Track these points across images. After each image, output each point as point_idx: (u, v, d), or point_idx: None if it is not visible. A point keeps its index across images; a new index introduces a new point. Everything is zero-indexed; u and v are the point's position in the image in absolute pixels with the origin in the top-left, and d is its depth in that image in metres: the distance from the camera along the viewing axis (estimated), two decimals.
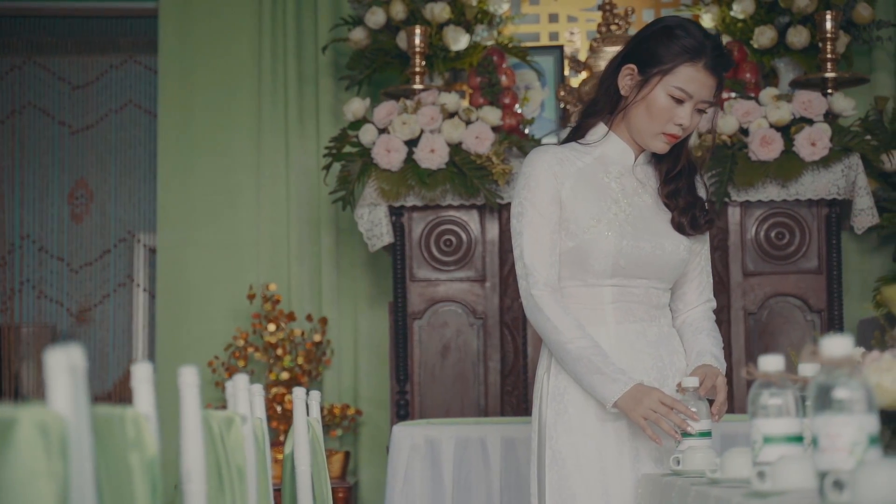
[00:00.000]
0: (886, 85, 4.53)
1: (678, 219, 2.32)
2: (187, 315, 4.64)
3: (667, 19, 2.32)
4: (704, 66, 2.22)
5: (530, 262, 2.27)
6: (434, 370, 3.99)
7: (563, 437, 2.29)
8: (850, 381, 1.19)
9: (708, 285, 2.41)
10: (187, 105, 4.71)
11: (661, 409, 2.16)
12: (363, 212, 4.01)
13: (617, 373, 2.22)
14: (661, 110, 2.23)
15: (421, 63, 4.16)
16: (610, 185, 2.31)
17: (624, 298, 2.29)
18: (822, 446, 1.22)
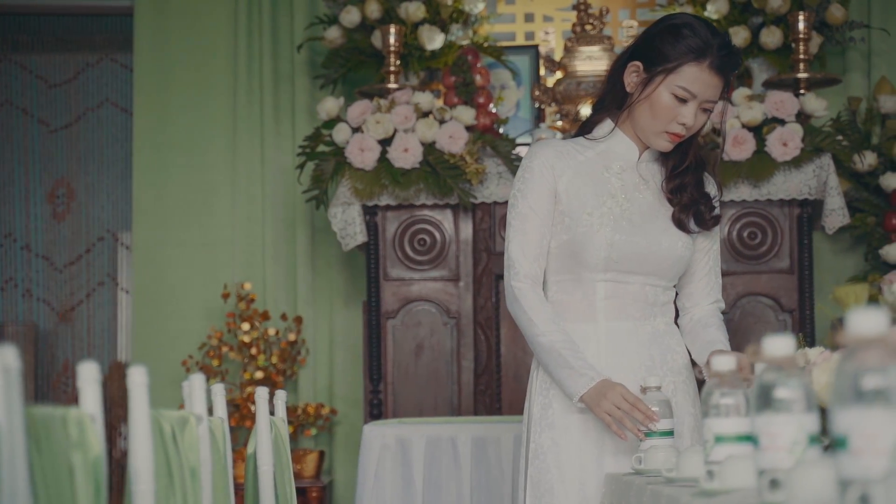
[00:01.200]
0: (860, 85, 4.55)
1: (678, 215, 2.31)
2: (163, 314, 4.63)
3: (675, 17, 2.29)
4: (710, 65, 2.20)
5: (514, 254, 2.28)
6: (407, 369, 4.00)
7: (546, 431, 2.29)
8: (790, 381, 1.20)
9: (717, 285, 2.40)
10: (163, 103, 4.70)
11: (624, 405, 2.16)
12: (336, 211, 4.01)
13: (585, 367, 2.22)
14: (665, 109, 2.22)
15: (395, 62, 4.16)
16: (610, 179, 2.30)
17: (617, 295, 2.28)
18: (762, 445, 1.22)
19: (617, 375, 2.25)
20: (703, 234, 2.36)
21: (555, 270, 2.31)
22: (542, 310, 2.27)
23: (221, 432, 2.00)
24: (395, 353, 3.99)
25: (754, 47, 4.26)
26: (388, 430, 3.30)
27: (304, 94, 4.62)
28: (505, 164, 3.99)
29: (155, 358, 4.59)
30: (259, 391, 2.22)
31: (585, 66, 4.27)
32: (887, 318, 0.94)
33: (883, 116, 4.40)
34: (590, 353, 2.28)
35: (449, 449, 3.27)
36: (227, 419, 2.07)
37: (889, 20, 4.54)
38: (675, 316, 2.39)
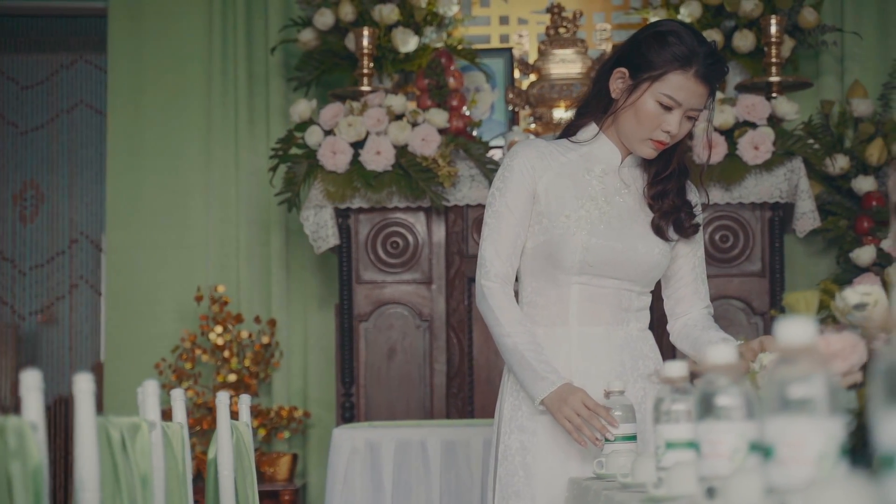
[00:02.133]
0: (833, 89, 4.56)
1: (658, 221, 2.29)
2: (137, 316, 4.61)
3: (662, 24, 2.28)
4: (695, 74, 2.18)
5: (486, 253, 2.27)
6: (380, 372, 3.99)
7: (515, 433, 2.29)
8: (731, 389, 1.20)
9: (705, 291, 2.39)
10: (137, 105, 4.68)
11: (584, 412, 2.16)
12: (309, 214, 4.00)
13: (547, 371, 2.22)
14: (649, 116, 2.20)
15: (369, 65, 4.16)
16: (591, 182, 2.29)
17: (591, 298, 2.27)
18: (704, 452, 1.23)
19: (588, 380, 2.25)
20: (684, 241, 2.34)
21: (531, 272, 2.31)
22: (510, 310, 2.26)
23: (180, 438, 1.99)
24: (368, 355, 3.99)
25: (727, 51, 4.26)
26: (358, 434, 3.30)
27: (279, 96, 4.61)
28: (478, 167, 3.99)
29: (128, 361, 4.57)
30: (220, 396, 2.21)
31: (559, 69, 4.28)
32: (815, 327, 0.94)
33: (856, 120, 4.42)
34: (561, 357, 2.28)
35: (418, 452, 3.26)
36: (186, 424, 2.07)
37: (862, 24, 4.56)
38: (649, 321, 2.38)
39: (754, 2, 4.18)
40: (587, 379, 2.25)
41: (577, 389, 2.19)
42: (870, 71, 4.55)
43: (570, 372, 2.27)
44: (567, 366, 2.27)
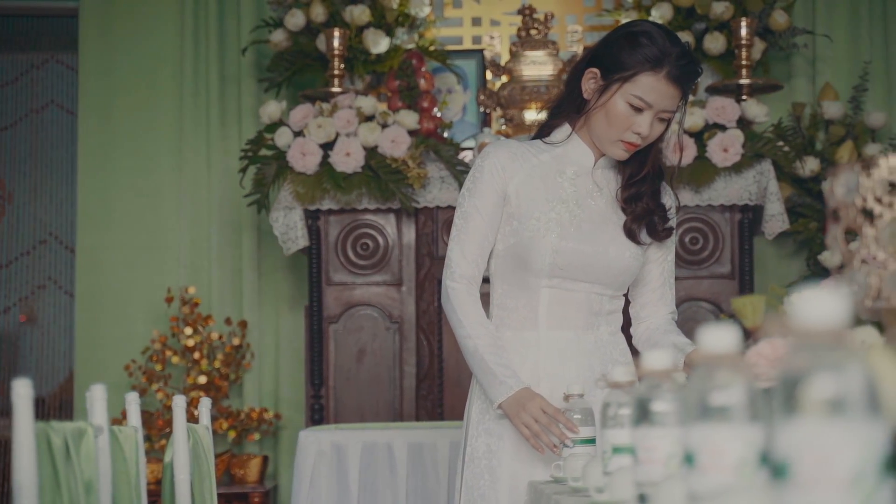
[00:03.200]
0: (805, 91, 4.58)
1: (630, 225, 2.27)
2: (107, 318, 4.59)
3: (635, 24, 2.24)
4: (666, 76, 2.15)
5: (452, 254, 2.26)
6: (349, 374, 3.98)
7: (482, 437, 2.28)
8: (666, 395, 1.20)
9: (671, 296, 2.36)
10: (108, 105, 4.66)
11: (543, 418, 2.15)
12: (278, 215, 3.99)
13: (506, 375, 2.21)
14: (620, 118, 2.18)
15: (339, 66, 4.14)
16: (563, 185, 2.27)
17: (561, 302, 2.25)
18: (639, 458, 1.22)
19: (556, 385, 2.23)
20: (656, 245, 2.32)
21: (501, 274, 2.29)
22: (473, 312, 2.25)
23: (133, 442, 1.98)
24: (338, 357, 3.98)
25: (698, 53, 4.27)
26: (324, 436, 3.29)
27: (251, 96, 4.60)
28: (448, 169, 3.98)
29: (98, 362, 4.55)
30: (176, 399, 2.20)
31: (530, 70, 4.28)
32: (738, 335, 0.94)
33: (826, 122, 4.43)
34: (529, 361, 2.27)
35: (385, 455, 3.25)
36: (140, 428, 2.05)
37: (833, 27, 4.57)
38: (622, 324, 2.37)
39: (725, 4, 4.19)
40: (556, 383, 2.24)
41: (536, 395, 2.18)
42: (841, 73, 4.57)
43: (538, 376, 2.26)
44: (535, 370, 2.26)
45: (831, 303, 0.67)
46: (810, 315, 0.68)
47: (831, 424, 0.65)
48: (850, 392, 0.65)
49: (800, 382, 0.66)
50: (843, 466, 0.64)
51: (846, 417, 0.65)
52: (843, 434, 0.65)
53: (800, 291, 0.68)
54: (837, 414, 0.65)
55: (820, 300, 0.68)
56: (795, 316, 0.68)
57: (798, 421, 0.66)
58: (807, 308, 0.68)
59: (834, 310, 0.67)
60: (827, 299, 0.68)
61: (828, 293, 0.67)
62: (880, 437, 0.65)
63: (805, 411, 0.66)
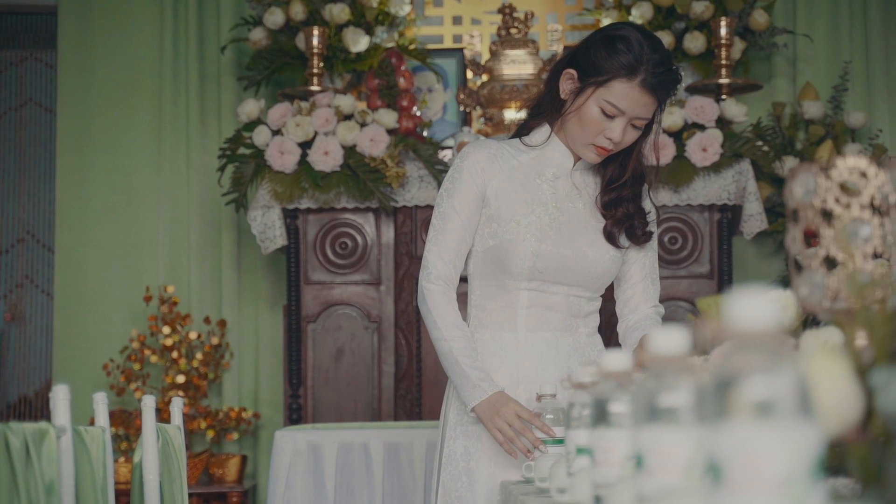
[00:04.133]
0: (786, 91, 4.58)
1: (610, 228, 2.25)
2: (85, 317, 4.57)
3: (617, 28, 2.21)
4: (641, 83, 2.13)
5: (429, 255, 2.24)
6: (328, 373, 3.97)
7: (460, 438, 2.27)
8: (623, 396, 1.19)
9: (654, 291, 2.34)
10: (87, 103, 4.64)
11: (517, 423, 2.14)
12: (256, 214, 3.98)
13: (480, 378, 2.20)
14: (593, 122, 2.16)
15: (319, 64, 4.13)
16: (542, 187, 2.26)
17: (539, 304, 2.24)
18: (597, 460, 1.22)
19: (534, 387, 2.22)
20: (635, 247, 2.31)
21: (480, 275, 2.28)
22: (448, 313, 2.24)
23: (101, 443, 1.97)
24: (316, 357, 3.96)
25: (678, 52, 4.27)
26: (301, 436, 3.27)
27: (230, 95, 4.58)
28: (427, 168, 3.97)
29: (77, 362, 4.53)
30: (145, 400, 2.18)
31: (510, 69, 4.27)
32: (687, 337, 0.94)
33: (807, 122, 4.44)
34: (508, 363, 2.26)
35: (361, 455, 3.24)
36: (108, 428, 2.04)
37: (814, 26, 4.58)
38: (598, 325, 2.36)
39: (705, 4, 4.19)
40: (534, 386, 2.23)
41: (510, 400, 2.17)
42: (821, 73, 4.57)
43: (516, 378, 2.25)
44: (514, 372, 2.26)
45: (765, 306, 0.67)
46: (744, 318, 0.67)
47: (762, 427, 0.64)
48: (781, 395, 0.65)
49: (731, 385, 0.65)
50: (774, 469, 0.64)
51: (777, 420, 0.64)
52: (774, 437, 0.64)
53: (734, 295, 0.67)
54: (768, 416, 0.64)
55: (754, 303, 0.67)
56: (730, 319, 0.68)
57: (730, 424, 0.65)
58: (741, 311, 0.68)
59: (768, 313, 0.67)
60: (761, 302, 0.67)
61: (761, 296, 0.67)
62: (811, 440, 0.65)
63: (736, 414, 0.65)
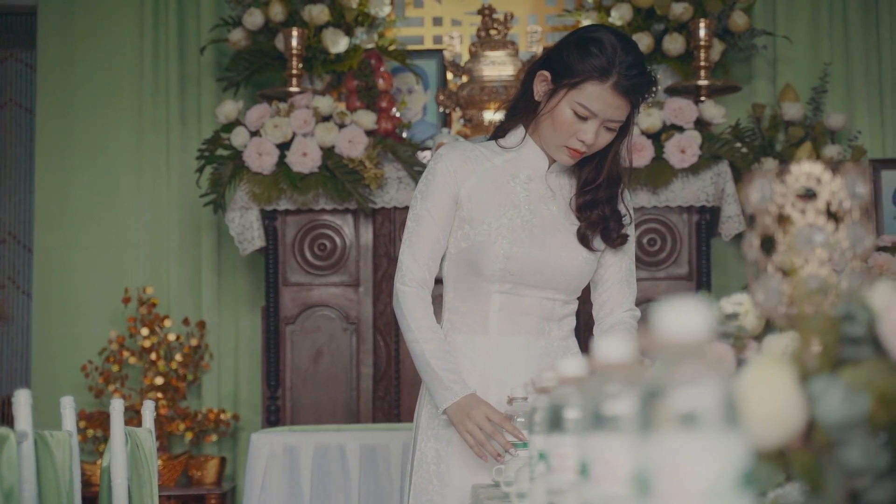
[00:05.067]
0: (766, 92, 4.58)
1: (584, 231, 2.24)
2: (64, 318, 4.55)
3: (591, 30, 2.21)
4: (613, 86, 2.11)
5: (404, 257, 2.24)
6: (306, 375, 3.96)
7: (431, 441, 2.27)
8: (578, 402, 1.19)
9: (630, 294, 2.33)
10: (67, 104, 4.62)
11: (487, 426, 2.13)
12: (234, 215, 3.97)
13: (452, 381, 2.20)
14: (565, 124, 2.15)
15: (298, 65, 4.12)
16: (515, 189, 2.25)
17: (512, 307, 2.24)
18: (552, 466, 1.21)
19: (505, 391, 2.22)
20: (611, 250, 2.29)
21: (454, 277, 2.28)
22: (422, 316, 2.23)
23: (67, 447, 1.96)
24: (294, 358, 3.96)
25: (657, 54, 4.28)
26: (276, 438, 3.27)
27: (211, 95, 4.57)
28: (405, 170, 3.97)
29: (56, 363, 4.51)
30: (114, 403, 2.17)
31: (490, 70, 4.27)
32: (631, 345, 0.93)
33: (786, 123, 4.44)
34: (479, 366, 2.26)
35: (337, 457, 3.24)
36: (76, 433, 2.03)
37: (794, 28, 4.58)
38: (574, 328, 2.35)
39: (684, 5, 4.20)
40: (504, 389, 2.22)
41: (482, 402, 2.16)
42: (802, 74, 4.58)
43: (486, 382, 2.25)
44: (485, 376, 2.25)
45: (693, 315, 0.66)
46: (672, 327, 0.67)
47: (688, 438, 0.64)
48: (708, 406, 0.64)
49: (658, 396, 0.65)
50: (700, 480, 0.64)
51: (703, 431, 0.64)
52: (700, 448, 0.64)
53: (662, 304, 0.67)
54: (694, 428, 0.64)
55: (682, 313, 0.67)
56: (659, 328, 0.67)
57: (656, 434, 0.65)
58: (669, 320, 0.67)
59: (696, 322, 0.66)
60: (689, 312, 0.67)
61: (690, 305, 0.67)
62: (738, 451, 0.65)
63: (663, 425, 0.65)
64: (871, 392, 0.83)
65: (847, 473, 0.81)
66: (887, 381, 0.82)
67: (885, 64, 4.57)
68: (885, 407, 0.82)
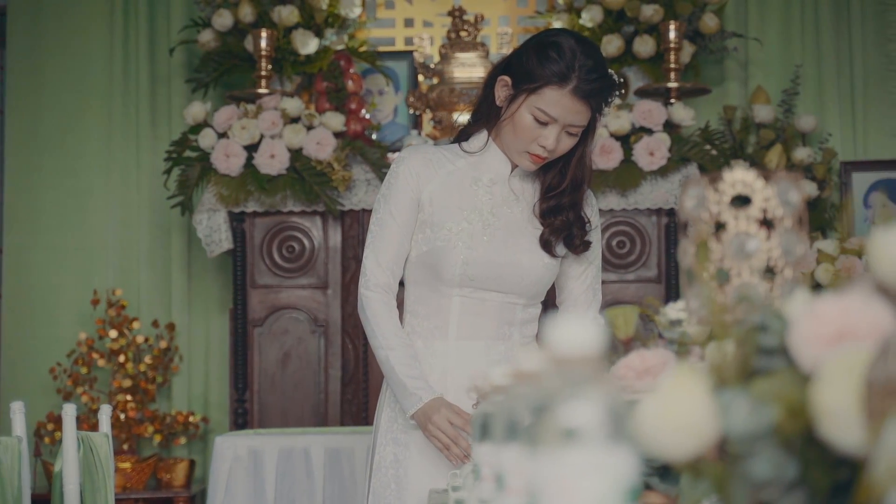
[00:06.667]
0: (738, 94, 4.59)
1: (547, 237, 2.23)
2: (33, 320, 4.52)
3: (550, 34, 2.20)
4: (572, 91, 2.10)
5: (367, 262, 2.23)
6: (274, 378, 3.95)
7: (390, 445, 2.27)
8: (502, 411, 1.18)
9: (595, 304, 2.31)
10: (36, 104, 4.59)
11: (449, 430, 2.13)
12: (202, 217, 3.95)
13: (416, 386, 2.19)
14: (526, 129, 2.14)
15: (267, 67, 4.11)
16: (477, 193, 2.23)
17: (472, 311, 2.23)
18: (482, 475, 1.20)
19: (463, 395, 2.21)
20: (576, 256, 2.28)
21: (415, 281, 2.27)
22: (386, 321, 2.23)
23: (16, 452, 1.94)
24: (262, 361, 3.94)
25: (628, 56, 4.27)
26: (241, 442, 3.25)
27: (181, 97, 4.54)
28: (374, 172, 3.96)
29: (25, 366, 4.49)
30: (66, 408, 2.16)
31: (460, 72, 4.26)
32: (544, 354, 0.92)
33: (757, 125, 4.45)
34: (437, 371, 2.25)
35: (302, 461, 3.22)
36: (25, 438, 2.01)
37: (766, 30, 4.59)
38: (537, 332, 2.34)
39: (654, 7, 4.20)
40: (463, 394, 2.21)
41: (444, 405, 2.16)
42: (773, 77, 4.58)
43: (445, 387, 2.24)
44: (443, 380, 2.24)
45: (583, 330, 0.66)
46: (563, 343, 0.66)
47: (573, 454, 0.63)
48: (593, 421, 0.64)
49: (544, 411, 0.64)
50: (585, 497, 0.63)
51: (588, 447, 0.63)
52: (585, 463, 0.63)
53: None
54: (579, 443, 0.63)
55: (573, 327, 0.66)
56: (550, 343, 0.67)
57: (543, 450, 0.64)
58: (560, 335, 0.67)
59: (586, 337, 0.66)
60: (579, 327, 0.66)
61: (580, 321, 0.66)
62: (624, 467, 0.64)
63: (548, 440, 0.64)
64: (781, 403, 0.82)
65: (754, 485, 0.81)
66: (796, 393, 0.82)
67: (857, 66, 4.58)
68: (793, 418, 0.81)
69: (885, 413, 0.69)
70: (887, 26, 4.60)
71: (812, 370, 0.81)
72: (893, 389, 0.69)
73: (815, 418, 0.78)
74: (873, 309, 0.82)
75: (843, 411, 0.74)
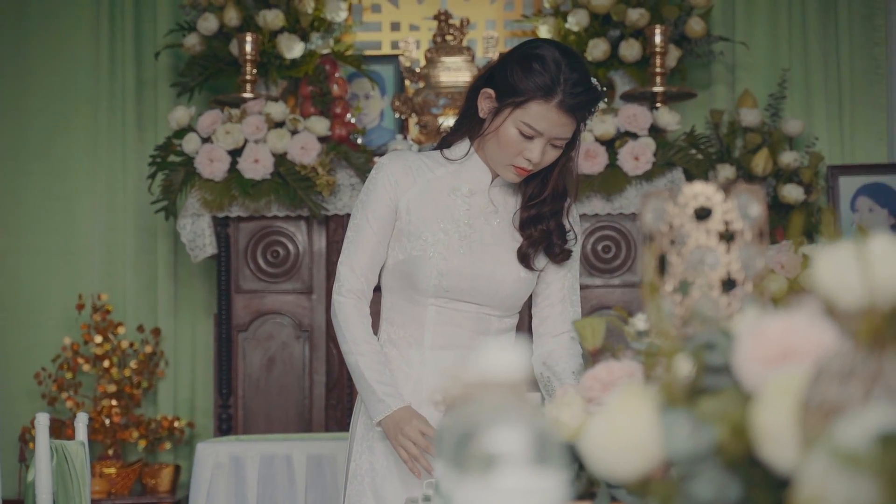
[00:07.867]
0: (725, 98, 4.58)
1: (526, 249, 2.22)
2: (18, 324, 4.51)
3: (534, 46, 2.17)
4: (558, 105, 2.09)
5: (342, 268, 2.23)
6: (259, 383, 3.94)
7: (366, 454, 2.26)
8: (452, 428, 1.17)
9: (573, 313, 2.29)
10: (22, 108, 4.58)
11: (421, 441, 2.11)
12: (186, 222, 3.94)
13: (386, 393, 2.18)
14: (511, 143, 2.12)
15: (252, 71, 4.10)
16: (455, 202, 2.22)
17: (447, 321, 2.22)
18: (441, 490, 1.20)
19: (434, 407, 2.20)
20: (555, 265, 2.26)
21: (391, 289, 2.26)
22: (358, 327, 2.22)
23: None
24: (247, 366, 3.93)
25: (614, 60, 4.27)
26: (222, 448, 3.24)
27: (167, 101, 4.53)
28: (358, 176, 3.95)
29: (9, 370, 4.47)
30: (39, 417, 2.15)
31: (445, 76, 4.25)
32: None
33: (744, 129, 4.44)
34: (412, 380, 2.24)
35: (284, 467, 3.21)
36: None
37: (753, 34, 4.58)
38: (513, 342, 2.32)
39: (640, 11, 4.19)
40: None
41: (415, 416, 2.14)
42: (760, 80, 4.58)
43: (419, 396, 2.23)
44: (417, 389, 2.23)
45: (508, 356, 0.65)
46: (488, 368, 0.65)
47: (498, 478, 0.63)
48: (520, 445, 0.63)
49: (469, 436, 0.63)
50: None
51: (514, 472, 0.63)
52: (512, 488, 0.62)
53: None
54: (505, 467, 0.63)
55: (499, 353, 0.65)
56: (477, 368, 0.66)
57: (468, 475, 0.64)
58: (487, 360, 0.66)
59: (510, 363, 0.65)
60: (505, 352, 0.65)
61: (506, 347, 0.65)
62: (551, 490, 0.63)
63: (474, 466, 0.63)
64: (724, 423, 0.81)
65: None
66: (739, 413, 0.81)
67: (844, 70, 4.58)
68: (736, 438, 0.81)
69: (818, 435, 0.68)
70: (874, 30, 4.60)
71: (754, 390, 0.80)
72: (828, 411, 0.68)
73: (755, 439, 0.77)
74: (817, 328, 0.81)
75: (780, 433, 0.73)
